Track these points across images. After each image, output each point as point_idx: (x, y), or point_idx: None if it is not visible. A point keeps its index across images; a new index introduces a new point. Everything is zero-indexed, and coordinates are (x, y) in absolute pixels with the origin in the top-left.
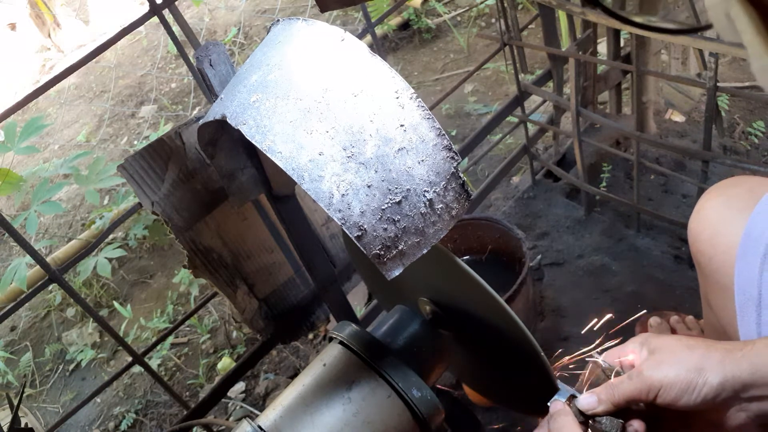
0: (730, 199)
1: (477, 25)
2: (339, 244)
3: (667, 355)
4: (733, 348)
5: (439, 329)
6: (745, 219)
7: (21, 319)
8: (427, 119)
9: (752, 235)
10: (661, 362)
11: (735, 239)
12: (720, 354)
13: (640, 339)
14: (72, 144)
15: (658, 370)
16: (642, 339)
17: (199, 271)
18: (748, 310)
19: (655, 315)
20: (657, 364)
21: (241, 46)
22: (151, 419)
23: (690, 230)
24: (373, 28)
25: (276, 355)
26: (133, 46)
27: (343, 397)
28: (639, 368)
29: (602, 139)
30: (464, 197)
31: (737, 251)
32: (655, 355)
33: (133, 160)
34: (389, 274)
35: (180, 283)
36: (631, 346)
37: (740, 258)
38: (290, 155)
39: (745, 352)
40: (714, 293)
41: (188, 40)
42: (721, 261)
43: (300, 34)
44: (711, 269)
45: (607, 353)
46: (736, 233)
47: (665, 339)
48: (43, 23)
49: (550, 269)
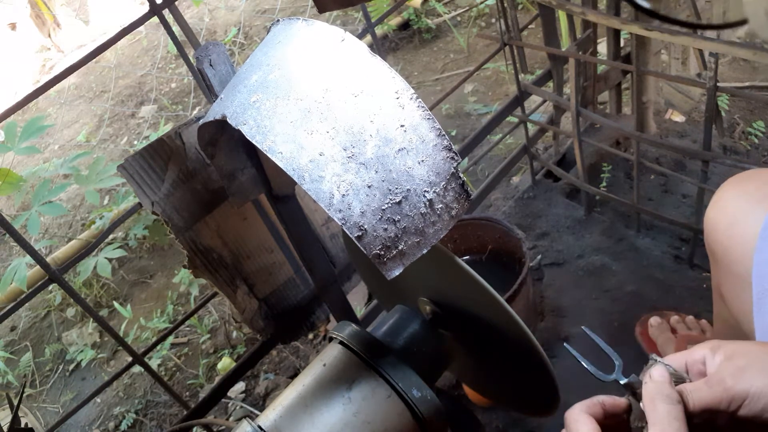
0: (749, 190)
1: (477, 25)
2: (339, 244)
3: (750, 361)
4: None
5: (439, 329)
6: (764, 210)
7: (21, 319)
8: (427, 119)
9: None
10: (745, 369)
11: (753, 230)
12: None
13: (710, 344)
14: (72, 144)
15: (742, 378)
16: (713, 344)
17: (199, 271)
18: (766, 302)
19: (655, 315)
20: (740, 371)
21: (241, 46)
22: (151, 419)
23: (707, 220)
24: (373, 28)
25: (276, 355)
26: (133, 46)
27: (343, 397)
28: (719, 375)
29: (602, 139)
30: (464, 197)
31: (756, 243)
32: (734, 361)
33: (133, 160)
34: (389, 274)
35: (180, 283)
36: (700, 351)
37: (759, 249)
38: (291, 155)
39: None
40: (729, 285)
41: (188, 40)
42: (739, 252)
43: (300, 34)
44: (727, 260)
45: (670, 357)
46: (754, 224)
47: (742, 344)
48: (43, 23)
49: (550, 269)
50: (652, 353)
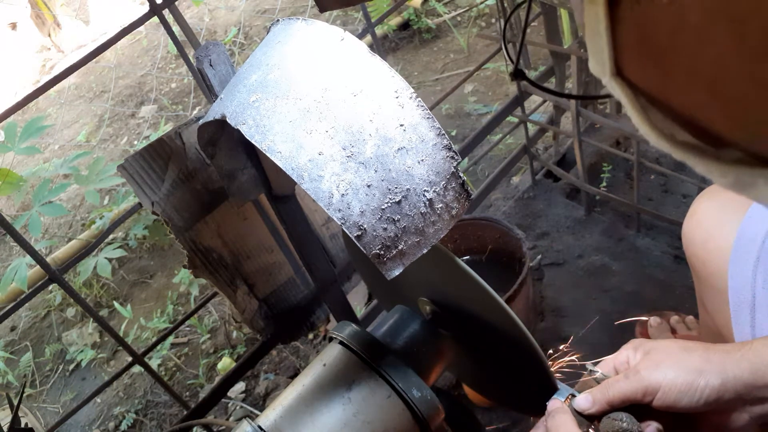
0: (723, 202)
1: (477, 25)
2: (339, 244)
3: (664, 356)
4: (731, 349)
5: (439, 329)
6: (737, 222)
7: (21, 319)
8: (427, 119)
9: (745, 238)
10: (659, 363)
11: (728, 242)
12: (719, 355)
13: (633, 344)
14: (72, 144)
15: (656, 370)
16: (635, 343)
17: (199, 271)
18: (743, 313)
19: (655, 315)
20: (655, 364)
21: (241, 46)
22: (151, 419)
23: (684, 234)
24: (373, 28)
25: (276, 355)
26: (133, 46)
27: (343, 397)
28: (636, 368)
29: (602, 139)
30: (464, 197)
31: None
32: (652, 356)
33: (133, 160)
34: (389, 274)
35: (180, 283)
36: (624, 352)
37: (733, 261)
38: (290, 155)
39: (744, 353)
40: (709, 296)
41: (188, 40)
42: (715, 264)
43: (300, 34)
44: (705, 272)
45: (601, 363)
46: (729, 236)
47: (661, 342)
48: (43, 23)
49: (550, 269)
50: (587, 363)
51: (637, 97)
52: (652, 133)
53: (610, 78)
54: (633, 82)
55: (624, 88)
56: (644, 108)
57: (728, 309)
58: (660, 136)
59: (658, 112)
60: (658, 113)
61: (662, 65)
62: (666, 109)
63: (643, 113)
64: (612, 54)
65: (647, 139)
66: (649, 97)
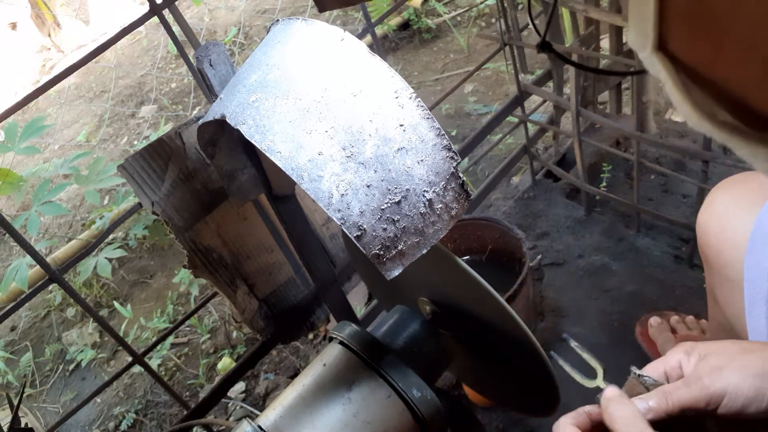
0: (740, 193)
1: (477, 25)
2: (339, 244)
3: (725, 359)
4: None
5: (439, 329)
6: (755, 214)
7: (21, 319)
8: (427, 119)
9: (762, 229)
10: (721, 368)
11: (745, 234)
12: None
13: (683, 347)
14: (72, 144)
15: (719, 376)
16: (687, 347)
17: (199, 271)
18: (758, 305)
19: (655, 315)
20: (716, 370)
21: (241, 46)
22: (151, 419)
23: (699, 224)
24: (373, 28)
25: (276, 355)
26: (133, 46)
27: (343, 397)
28: (696, 374)
29: (602, 139)
30: (464, 197)
31: (747, 246)
32: (710, 361)
33: (133, 160)
34: (389, 274)
35: (180, 283)
36: (675, 356)
37: (750, 252)
38: (289, 155)
39: None
40: (721, 288)
41: (188, 40)
42: (730, 255)
43: (299, 34)
44: (719, 263)
45: (648, 367)
46: (745, 228)
47: (716, 344)
48: (43, 23)
49: (550, 269)
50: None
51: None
52: (694, 113)
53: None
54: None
55: (666, 63)
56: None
57: (742, 300)
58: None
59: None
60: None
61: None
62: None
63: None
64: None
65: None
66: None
